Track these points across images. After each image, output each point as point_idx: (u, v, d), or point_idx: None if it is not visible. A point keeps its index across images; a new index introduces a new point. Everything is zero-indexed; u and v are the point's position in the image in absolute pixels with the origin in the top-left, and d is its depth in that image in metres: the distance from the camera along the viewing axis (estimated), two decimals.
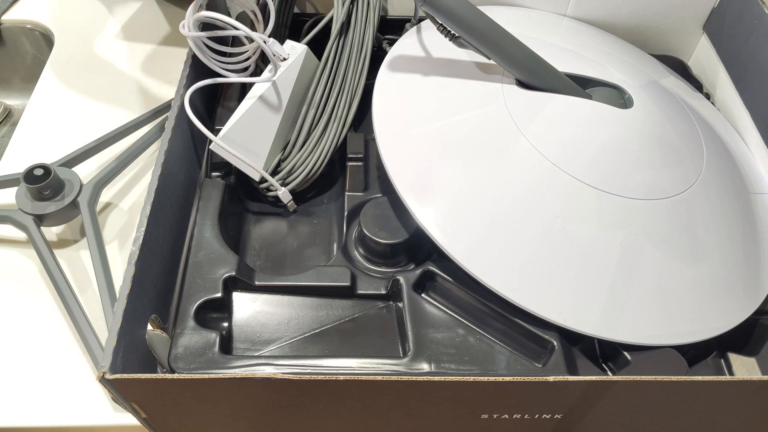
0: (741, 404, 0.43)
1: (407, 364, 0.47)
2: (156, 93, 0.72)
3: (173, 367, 0.45)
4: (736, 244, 0.52)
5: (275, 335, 0.50)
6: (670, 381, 0.39)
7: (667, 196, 0.50)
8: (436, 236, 0.47)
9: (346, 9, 0.62)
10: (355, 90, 0.61)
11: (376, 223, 0.53)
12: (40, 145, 0.67)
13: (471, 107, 0.53)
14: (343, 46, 0.62)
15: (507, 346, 0.48)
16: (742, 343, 0.52)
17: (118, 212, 0.62)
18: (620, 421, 0.45)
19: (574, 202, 0.48)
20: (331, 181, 0.62)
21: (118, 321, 0.40)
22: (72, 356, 0.52)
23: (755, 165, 0.60)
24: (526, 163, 0.49)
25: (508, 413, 0.43)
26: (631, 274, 0.47)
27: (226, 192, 0.56)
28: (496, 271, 0.46)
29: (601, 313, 0.46)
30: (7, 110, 0.87)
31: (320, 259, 0.57)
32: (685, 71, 0.73)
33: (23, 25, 0.82)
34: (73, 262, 0.58)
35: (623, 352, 0.47)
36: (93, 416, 0.49)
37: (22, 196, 0.57)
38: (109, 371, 0.37)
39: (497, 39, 0.51)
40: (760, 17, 0.60)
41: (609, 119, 0.52)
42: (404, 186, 0.49)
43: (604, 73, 0.57)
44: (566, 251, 0.47)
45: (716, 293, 0.49)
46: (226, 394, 0.40)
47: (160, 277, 0.47)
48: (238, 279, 0.50)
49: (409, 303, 0.50)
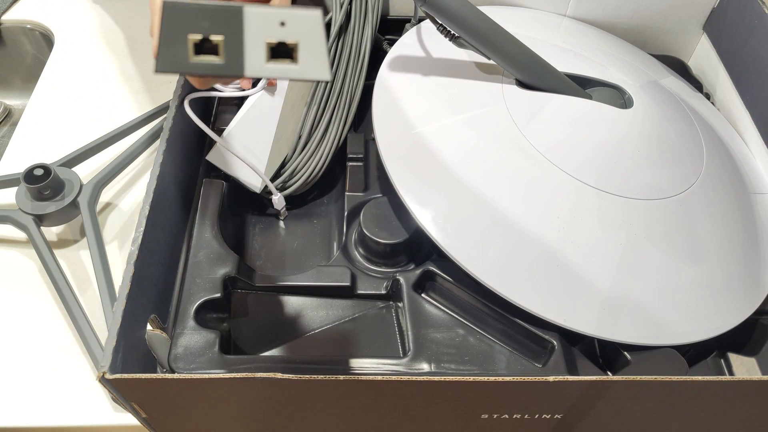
0: (741, 404, 0.43)
1: (407, 364, 0.47)
2: (156, 93, 0.72)
3: (173, 367, 0.45)
4: (736, 244, 0.52)
5: (275, 335, 0.50)
6: (670, 381, 0.39)
7: (667, 196, 0.50)
8: (436, 236, 0.47)
9: (344, 10, 0.62)
10: (354, 91, 0.61)
11: (376, 223, 0.53)
12: (40, 145, 0.67)
13: (471, 107, 0.53)
14: (342, 48, 0.62)
15: (507, 346, 0.48)
16: (742, 343, 0.52)
17: (118, 212, 0.62)
18: (620, 422, 0.45)
19: (574, 202, 0.48)
20: (331, 181, 0.62)
21: (117, 321, 0.40)
22: (72, 356, 0.52)
23: (755, 165, 0.60)
24: (526, 163, 0.49)
25: (508, 413, 0.43)
26: (631, 274, 0.47)
27: (225, 192, 0.56)
28: (495, 271, 0.46)
29: (601, 313, 0.46)
30: (7, 110, 0.87)
31: (320, 259, 0.57)
32: (685, 71, 0.73)
33: (23, 25, 0.82)
34: (73, 262, 0.58)
35: (623, 352, 0.47)
36: (93, 416, 0.49)
37: (22, 196, 0.57)
38: (108, 371, 0.37)
39: (497, 39, 0.51)
40: (760, 17, 0.60)
41: (609, 119, 0.52)
42: (404, 186, 0.49)
43: (604, 73, 0.57)
44: (566, 251, 0.47)
45: (716, 293, 0.49)
46: (226, 394, 0.40)
47: (159, 277, 0.47)
48: (238, 279, 0.50)
49: (409, 303, 0.50)
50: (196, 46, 0.29)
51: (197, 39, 0.29)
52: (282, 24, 0.29)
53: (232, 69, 0.29)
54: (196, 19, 0.29)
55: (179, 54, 0.29)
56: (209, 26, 0.29)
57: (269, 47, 0.29)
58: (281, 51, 0.29)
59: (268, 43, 0.29)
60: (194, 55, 0.29)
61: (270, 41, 0.29)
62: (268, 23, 0.29)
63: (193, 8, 0.29)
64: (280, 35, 0.29)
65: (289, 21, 0.29)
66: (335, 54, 0.62)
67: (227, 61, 0.29)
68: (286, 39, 0.29)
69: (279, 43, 0.29)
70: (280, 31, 0.29)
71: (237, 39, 0.29)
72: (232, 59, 0.29)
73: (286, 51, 0.29)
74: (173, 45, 0.29)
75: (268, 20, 0.29)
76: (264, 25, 0.29)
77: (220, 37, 0.29)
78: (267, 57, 0.29)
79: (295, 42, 0.29)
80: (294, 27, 0.29)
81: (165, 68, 0.29)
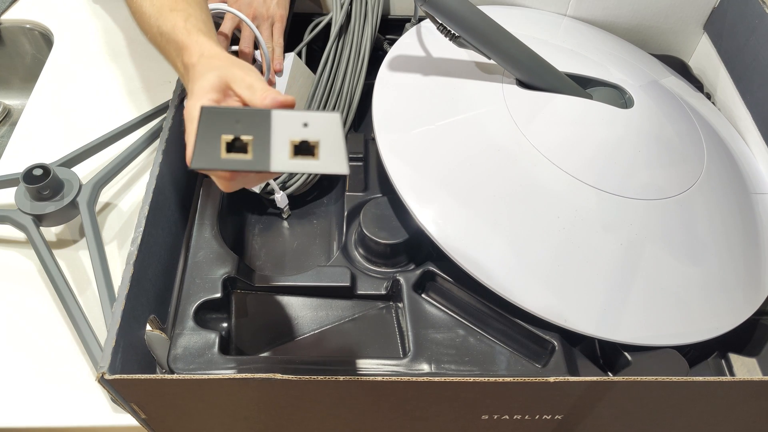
0: (741, 404, 0.42)
1: (407, 364, 0.46)
2: (155, 93, 0.72)
3: (172, 367, 0.45)
4: (737, 244, 0.52)
5: (275, 335, 0.50)
6: (670, 381, 0.39)
7: (667, 196, 0.50)
8: (436, 236, 0.47)
9: (345, 11, 0.62)
10: (354, 91, 0.61)
11: (376, 223, 0.53)
12: (40, 145, 0.67)
13: (471, 107, 0.53)
14: (342, 48, 0.62)
15: (507, 347, 0.48)
16: (742, 343, 0.52)
17: (118, 212, 0.62)
18: (621, 422, 0.45)
19: (575, 203, 0.48)
20: (331, 181, 0.62)
21: (117, 321, 0.39)
22: (71, 356, 0.52)
23: (756, 165, 0.60)
24: (526, 162, 0.49)
25: (508, 414, 0.43)
26: (632, 274, 0.47)
27: (225, 192, 0.56)
28: (495, 272, 0.46)
29: (602, 314, 0.46)
30: (6, 110, 0.87)
31: (320, 259, 0.57)
32: (686, 71, 0.73)
33: (23, 25, 0.82)
34: (73, 262, 0.58)
35: (623, 353, 0.47)
36: (92, 416, 0.49)
37: (21, 196, 0.56)
38: (108, 371, 0.37)
39: (497, 39, 0.51)
40: (761, 17, 0.60)
41: (609, 119, 0.52)
42: (404, 186, 0.49)
43: (604, 72, 0.57)
44: (566, 251, 0.47)
45: (716, 294, 0.49)
46: (225, 394, 0.40)
47: (159, 277, 0.47)
48: (238, 279, 0.50)
49: (409, 303, 0.50)
50: (228, 145, 0.32)
51: (229, 139, 0.32)
52: (305, 125, 0.33)
53: (260, 165, 0.32)
54: (229, 121, 0.32)
55: (213, 152, 0.32)
56: (240, 128, 0.32)
57: (293, 145, 0.32)
58: (304, 148, 0.33)
59: (292, 141, 0.32)
60: (226, 152, 0.32)
61: (294, 140, 0.32)
62: (292, 124, 0.33)
63: (227, 112, 0.33)
64: (303, 135, 0.32)
65: (312, 122, 0.33)
66: (335, 54, 0.62)
67: (255, 158, 0.32)
68: (309, 138, 0.32)
69: (302, 142, 0.32)
70: (303, 131, 0.33)
71: (264, 138, 0.32)
72: (260, 156, 0.32)
73: (308, 148, 0.33)
74: (208, 144, 0.32)
75: (293, 122, 0.33)
76: (289, 126, 0.33)
77: (249, 137, 0.32)
78: (291, 154, 0.32)
79: (316, 140, 0.32)
80: (315, 127, 0.33)
81: (200, 165, 0.32)
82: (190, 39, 0.43)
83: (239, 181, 0.37)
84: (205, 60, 0.41)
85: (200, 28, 0.44)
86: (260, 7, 0.60)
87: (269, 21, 0.61)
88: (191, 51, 0.42)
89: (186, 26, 0.43)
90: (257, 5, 0.60)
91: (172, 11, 0.45)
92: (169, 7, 0.45)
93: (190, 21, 0.44)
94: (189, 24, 0.44)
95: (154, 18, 0.46)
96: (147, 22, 0.47)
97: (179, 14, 0.44)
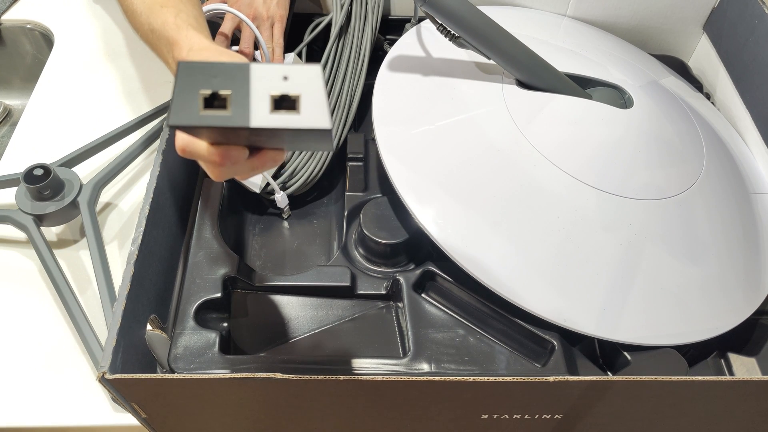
0: (741, 404, 0.43)
1: (407, 364, 0.47)
2: (156, 93, 0.72)
3: (173, 367, 0.45)
4: (737, 244, 0.52)
5: (275, 335, 0.50)
6: (670, 381, 0.39)
7: (667, 197, 0.50)
8: (435, 236, 0.47)
9: (345, 11, 0.62)
10: (354, 91, 0.61)
11: (376, 223, 0.53)
12: (40, 145, 0.67)
13: (471, 107, 0.53)
14: (342, 48, 0.62)
15: (507, 347, 0.48)
16: (742, 343, 0.52)
17: (118, 212, 0.62)
18: (620, 422, 0.45)
19: (574, 203, 0.48)
20: (331, 181, 0.62)
21: (117, 321, 0.40)
22: (72, 356, 0.52)
23: (755, 165, 0.60)
24: (526, 163, 0.49)
25: (508, 413, 0.43)
26: (632, 274, 0.47)
27: (225, 192, 0.56)
28: (495, 272, 0.46)
29: (601, 313, 0.46)
30: (6, 110, 0.87)
31: (320, 259, 0.57)
32: (685, 71, 0.73)
33: (23, 25, 0.82)
34: (73, 262, 0.58)
35: (623, 352, 0.47)
36: (93, 416, 0.49)
37: (21, 196, 0.57)
38: (108, 371, 0.37)
39: (497, 39, 0.51)
40: (760, 17, 0.60)
41: (609, 119, 0.52)
42: (404, 186, 0.49)
43: (604, 73, 0.57)
44: (566, 251, 0.47)
45: (716, 294, 0.49)
46: (226, 394, 0.40)
47: (159, 277, 0.47)
48: (238, 279, 0.50)
49: (409, 303, 0.50)
50: (206, 101, 0.31)
51: (207, 94, 0.31)
52: (285, 78, 0.32)
53: (239, 120, 0.31)
54: (206, 77, 0.31)
55: (191, 108, 0.31)
56: (218, 82, 0.31)
57: (273, 99, 0.31)
58: (284, 102, 0.32)
59: (272, 95, 0.31)
60: (204, 108, 0.31)
61: (274, 94, 0.31)
62: (272, 78, 0.32)
63: (205, 66, 0.32)
64: (283, 88, 0.31)
65: (292, 75, 0.32)
66: (335, 54, 0.62)
67: (234, 113, 0.31)
68: (289, 92, 0.31)
69: (282, 96, 0.31)
70: (283, 84, 0.31)
71: (243, 93, 0.31)
72: (239, 111, 0.31)
73: (289, 102, 0.32)
74: (186, 101, 0.31)
75: (272, 75, 0.32)
76: (268, 79, 0.31)
77: (228, 92, 0.31)
78: (271, 108, 0.31)
79: (297, 94, 0.31)
80: (296, 80, 0.32)
81: (178, 121, 0.31)
82: (180, 34, 0.42)
83: (229, 168, 0.36)
84: (194, 54, 0.41)
85: (190, 24, 0.43)
86: (260, 8, 0.60)
87: (269, 21, 0.61)
88: (181, 46, 0.42)
89: (176, 22, 0.43)
90: (257, 5, 0.60)
91: (162, 8, 0.45)
92: (159, 3, 0.45)
93: (180, 17, 0.44)
94: (179, 20, 0.43)
95: (145, 15, 0.46)
96: (138, 20, 0.47)
97: (170, 10, 0.44)
